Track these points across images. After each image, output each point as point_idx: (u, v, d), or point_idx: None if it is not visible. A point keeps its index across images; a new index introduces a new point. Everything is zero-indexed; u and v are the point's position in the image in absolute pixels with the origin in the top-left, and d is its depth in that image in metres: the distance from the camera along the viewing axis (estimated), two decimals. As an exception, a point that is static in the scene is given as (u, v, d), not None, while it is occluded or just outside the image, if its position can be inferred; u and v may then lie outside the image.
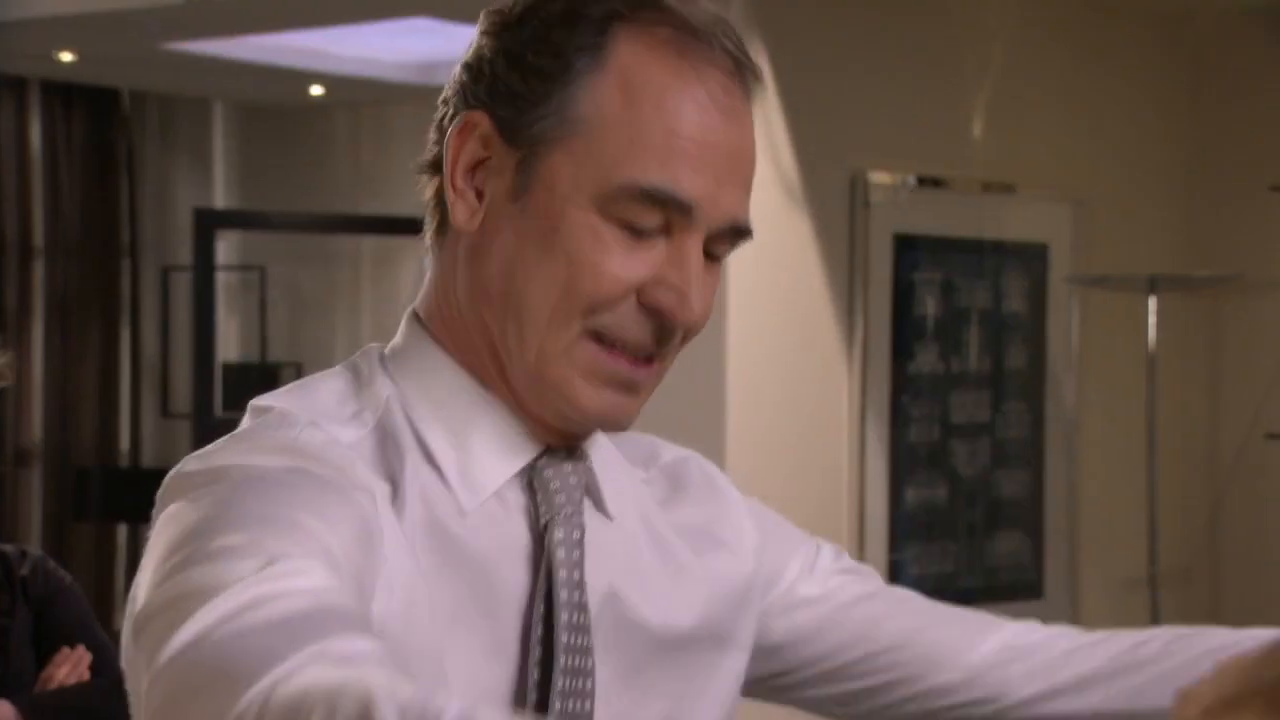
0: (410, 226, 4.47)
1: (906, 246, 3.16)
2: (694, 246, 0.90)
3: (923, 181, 3.20)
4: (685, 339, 0.93)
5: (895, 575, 3.12)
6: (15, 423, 5.00)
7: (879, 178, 3.10)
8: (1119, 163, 3.54)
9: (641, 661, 0.97)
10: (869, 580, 1.09)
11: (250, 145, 5.23)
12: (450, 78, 0.95)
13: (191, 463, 0.88)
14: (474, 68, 0.93)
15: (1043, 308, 3.42)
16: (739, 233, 0.93)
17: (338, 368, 0.99)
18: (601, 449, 0.98)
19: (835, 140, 3.05)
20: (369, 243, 4.87)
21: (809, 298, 3.03)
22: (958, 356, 3.28)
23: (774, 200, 2.94)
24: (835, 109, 3.05)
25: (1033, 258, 3.42)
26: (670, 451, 1.06)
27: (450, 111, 0.94)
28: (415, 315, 0.99)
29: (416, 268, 4.77)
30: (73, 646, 2.20)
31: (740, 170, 0.92)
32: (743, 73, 0.92)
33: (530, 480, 0.94)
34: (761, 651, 1.04)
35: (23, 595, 2.21)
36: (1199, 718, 0.62)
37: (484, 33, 0.94)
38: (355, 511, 0.84)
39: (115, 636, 3.66)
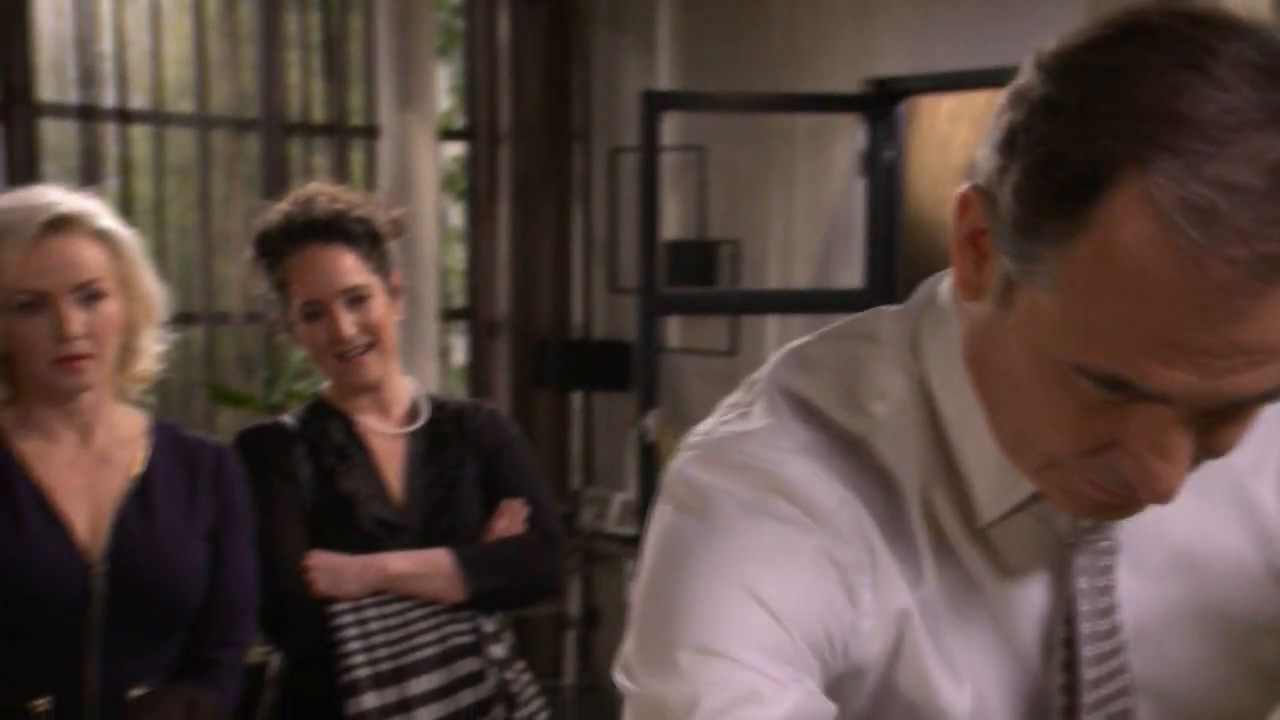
0: (844, 103, 4.54)
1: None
2: (1173, 426, 0.74)
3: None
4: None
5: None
6: (486, 297, 5.44)
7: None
8: None
9: (1208, 673, 0.89)
10: None
11: (692, 27, 5.37)
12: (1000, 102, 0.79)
13: (689, 466, 0.86)
14: (995, 136, 0.77)
15: None
16: (1260, 400, 0.73)
17: (860, 324, 0.91)
18: None
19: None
20: (804, 121, 4.92)
21: None
22: None
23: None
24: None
25: None
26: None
27: (993, 138, 0.77)
28: (956, 301, 0.86)
29: (849, 145, 4.78)
30: (513, 499, 2.23)
31: (1258, 358, 0.71)
32: None
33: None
34: None
35: (473, 448, 2.25)
36: None
37: (1006, 106, 0.77)
38: (818, 571, 0.82)
39: (570, 496, 4.05)
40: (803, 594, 0.81)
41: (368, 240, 2.16)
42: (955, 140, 5.32)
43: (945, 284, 0.88)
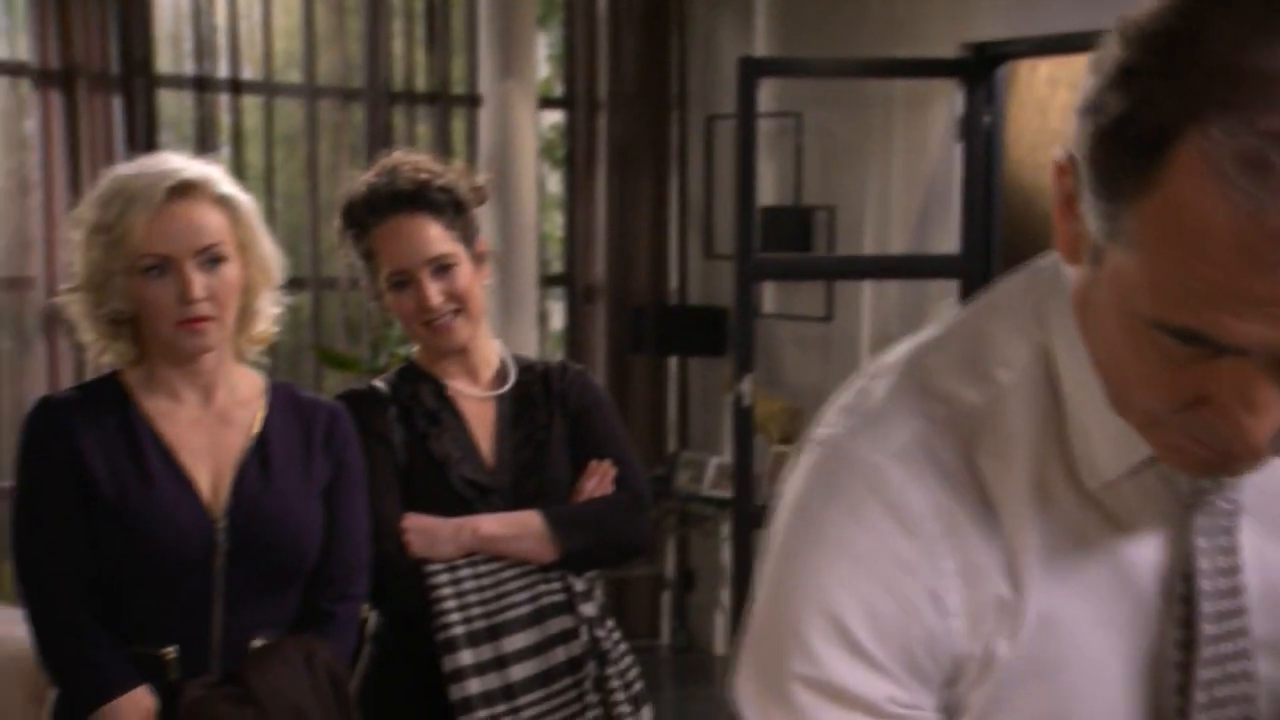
0: (942, 68, 4.51)
1: None
2: (1258, 378, 0.75)
3: None
4: None
5: None
6: (584, 262, 5.51)
7: None
8: None
9: None
10: None
11: (788, -6, 5.36)
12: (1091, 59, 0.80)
13: (806, 467, 0.90)
14: (1079, 103, 0.80)
15: None
16: None
17: (991, 294, 0.93)
18: None
19: None
20: (901, 86, 4.90)
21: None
22: None
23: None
24: None
25: None
26: None
27: (1078, 105, 0.80)
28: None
29: (947, 110, 4.76)
30: (601, 460, 2.24)
31: None
32: None
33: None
34: None
35: (560, 408, 2.27)
36: None
37: (1089, 73, 0.79)
38: (906, 585, 0.85)
39: (666, 459, 4.07)
40: (893, 611, 0.85)
41: (451, 209, 2.17)
42: (1054, 104, 5.26)
43: (1065, 275, 0.90)
